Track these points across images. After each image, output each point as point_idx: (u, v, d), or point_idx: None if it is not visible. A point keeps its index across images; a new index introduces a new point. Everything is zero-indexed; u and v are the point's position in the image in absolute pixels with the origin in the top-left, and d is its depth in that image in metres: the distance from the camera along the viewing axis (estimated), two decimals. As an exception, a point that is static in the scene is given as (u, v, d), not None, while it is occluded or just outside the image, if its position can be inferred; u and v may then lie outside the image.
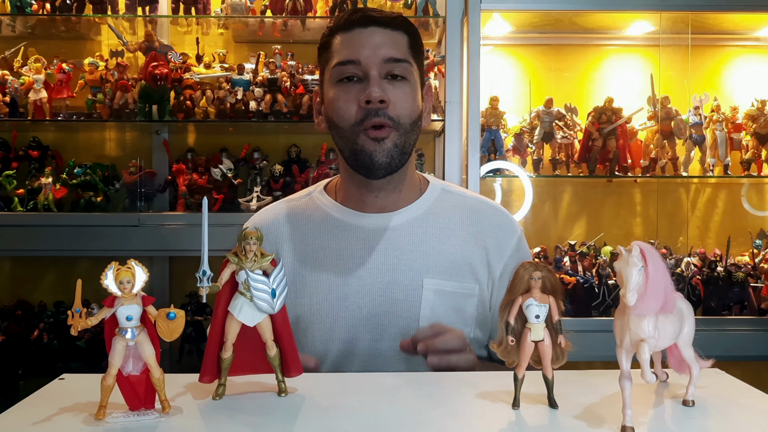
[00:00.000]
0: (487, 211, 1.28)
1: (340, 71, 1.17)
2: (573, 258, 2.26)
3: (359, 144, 1.17)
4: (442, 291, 1.19)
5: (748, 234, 2.43)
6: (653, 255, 0.71)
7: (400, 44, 1.19)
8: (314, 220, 1.26)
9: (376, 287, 1.19)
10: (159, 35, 2.34)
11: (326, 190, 1.31)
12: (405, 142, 1.18)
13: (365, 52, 1.16)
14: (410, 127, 1.19)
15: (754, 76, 2.55)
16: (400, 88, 1.17)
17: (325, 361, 1.18)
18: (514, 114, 2.42)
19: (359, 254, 1.21)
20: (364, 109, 1.15)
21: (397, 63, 1.17)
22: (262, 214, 1.32)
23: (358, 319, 1.18)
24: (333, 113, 1.19)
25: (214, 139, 2.44)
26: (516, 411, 0.79)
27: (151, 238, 2.17)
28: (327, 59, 1.21)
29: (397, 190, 1.24)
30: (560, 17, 2.40)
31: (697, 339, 0.81)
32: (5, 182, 2.23)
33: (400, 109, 1.17)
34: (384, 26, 1.18)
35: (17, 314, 2.27)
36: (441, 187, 1.30)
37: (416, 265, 1.20)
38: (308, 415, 0.78)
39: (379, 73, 1.16)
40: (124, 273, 0.74)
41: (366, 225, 1.23)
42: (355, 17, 1.19)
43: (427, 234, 1.22)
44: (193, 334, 2.27)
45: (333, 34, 1.21)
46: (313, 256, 1.23)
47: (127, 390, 0.77)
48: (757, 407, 0.82)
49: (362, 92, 1.15)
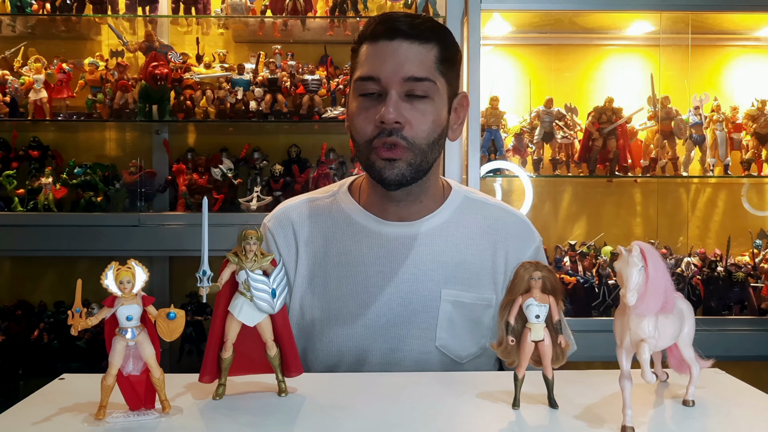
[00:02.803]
0: (507, 219, 1.27)
1: (362, 87, 1.15)
2: (573, 258, 2.26)
3: (371, 161, 1.15)
4: (460, 302, 1.18)
5: (748, 234, 2.43)
6: (653, 255, 0.71)
7: (427, 60, 1.14)
8: (337, 222, 1.24)
9: (395, 297, 1.18)
10: (159, 35, 2.34)
11: (351, 190, 1.29)
12: (421, 161, 1.15)
13: (386, 70, 1.12)
14: (428, 147, 1.15)
15: (754, 76, 2.54)
16: (419, 108, 1.13)
17: (339, 366, 1.18)
18: (514, 114, 2.42)
19: (380, 262, 1.20)
20: (379, 128, 1.13)
21: (418, 82, 1.12)
22: (287, 211, 1.28)
23: (376, 328, 1.17)
24: (352, 127, 1.18)
25: (214, 139, 2.43)
26: (516, 411, 0.79)
27: (151, 238, 2.17)
28: (354, 68, 1.19)
29: (417, 200, 1.22)
30: (560, 17, 2.40)
31: (697, 339, 0.81)
32: (5, 182, 2.23)
33: (416, 130, 1.13)
34: (411, 39, 1.13)
35: (17, 314, 2.27)
36: (463, 194, 1.28)
37: (435, 275, 1.19)
38: (308, 415, 0.78)
39: (399, 92, 1.12)
40: (124, 273, 0.74)
41: (388, 233, 1.21)
42: (381, 29, 1.14)
43: (448, 244, 1.21)
44: (193, 334, 2.26)
45: (361, 42, 1.18)
46: (333, 259, 1.21)
47: (127, 390, 0.77)
48: (757, 407, 0.82)
49: (380, 111, 1.12)
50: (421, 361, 1.16)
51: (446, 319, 1.17)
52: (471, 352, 1.18)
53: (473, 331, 1.18)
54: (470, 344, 1.18)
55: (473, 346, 1.19)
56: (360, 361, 1.18)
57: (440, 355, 1.17)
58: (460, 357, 1.18)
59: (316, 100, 2.25)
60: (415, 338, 1.17)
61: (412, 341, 1.17)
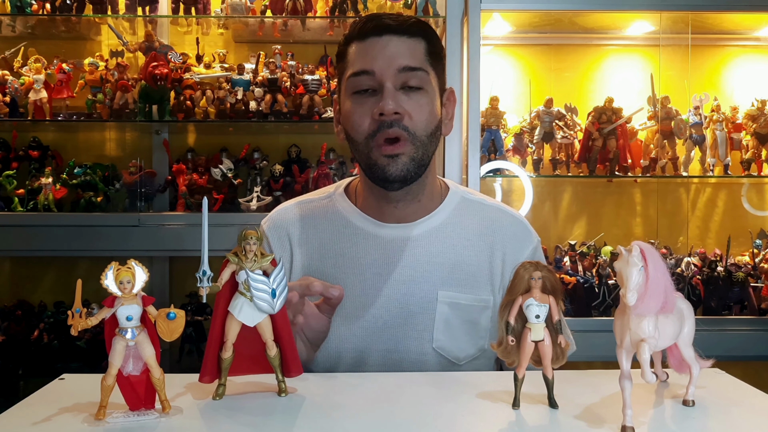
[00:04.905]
0: (504, 220, 1.26)
1: (355, 83, 1.15)
2: (573, 258, 2.26)
3: (373, 158, 1.15)
4: (456, 304, 1.18)
5: (748, 234, 2.43)
6: (653, 255, 0.71)
7: (417, 52, 1.15)
8: (333, 224, 1.24)
9: (393, 299, 1.18)
10: (159, 35, 2.34)
11: (347, 192, 1.28)
12: (423, 155, 1.15)
13: (379, 63, 1.12)
14: (427, 139, 1.15)
15: (754, 76, 2.54)
16: (416, 99, 1.14)
17: (337, 369, 1.18)
18: (514, 114, 2.42)
19: (377, 264, 1.19)
20: (378, 122, 1.12)
21: (413, 72, 1.13)
22: (281, 214, 1.29)
23: (373, 329, 1.17)
24: (348, 126, 1.17)
25: (214, 139, 2.44)
26: (516, 411, 0.79)
27: (151, 238, 2.17)
28: (343, 69, 1.19)
29: (416, 200, 1.22)
30: (560, 17, 2.40)
31: (697, 339, 0.81)
32: (5, 182, 2.23)
33: (416, 120, 1.13)
34: (399, 34, 1.14)
35: (17, 314, 2.27)
36: (461, 195, 1.28)
37: (432, 277, 1.19)
38: (308, 415, 0.78)
39: (394, 84, 1.12)
40: (124, 273, 0.74)
41: (385, 235, 1.21)
42: (369, 26, 1.15)
43: (445, 245, 1.21)
44: (193, 334, 2.27)
45: (348, 43, 1.18)
46: (330, 261, 1.21)
47: (127, 390, 0.77)
48: (757, 407, 0.82)
49: (377, 105, 1.12)
50: (418, 362, 1.16)
51: (443, 320, 1.17)
52: (468, 354, 1.18)
53: (470, 333, 1.18)
54: (468, 346, 1.18)
55: (471, 348, 1.18)
56: (357, 362, 1.17)
57: (437, 356, 1.17)
58: (457, 359, 1.17)
59: (316, 100, 2.25)
60: (412, 340, 1.17)
61: (410, 343, 1.17)
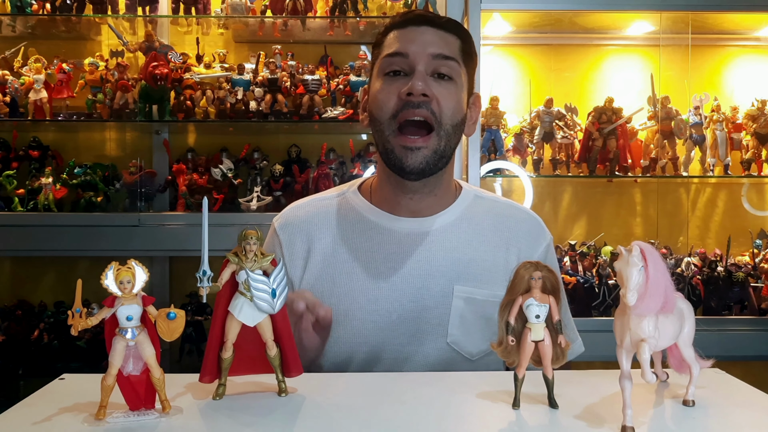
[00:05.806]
0: (518, 216, 1.27)
1: (388, 63, 1.17)
2: (573, 258, 2.26)
3: (391, 144, 1.16)
4: (472, 299, 1.18)
5: (748, 234, 2.43)
6: (653, 255, 0.71)
7: (452, 45, 1.18)
8: (347, 220, 1.24)
9: (407, 293, 1.18)
10: (159, 35, 2.34)
11: (360, 191, 1.29)
12: (445, 146, 1.16)
13: (414, 47, 1.15)
14: (452, 129, 1.16)
15: (754, 76, 2.55)
16: (445, 87, 1.15)
17: (351, 363, 1.18)
18: (514, 114, 2.42)
19: (392, 258, 1.19)
20: (403, 102, 1.13)
21: (445, 60, 1.15)
22: (294, 211, 1.29)
23: (387, 323, 1.17)
24: (374, 105, 1.18)
25: (214, 139, 2.44)
26: (516, 411, 0.79)
27: (151, 238, 2.17)
28: (378, 54, 1.22)
29: (432, 193, 1.22)
30: (560, 17, 2.40)
31: (697, 339, 0.81)
32: (5, 182, 2.23)
33: (443, 107, 1.14)
34: (437, 27, 1.18)
35: (17, 314, 2.28)
36: (474, 193, 1.29)
37: (448, 272, 1.19)
38: (308, 415, 0.78)
39: (426, 68, 1.14)
40: (124, 273, 0.74)
41: (399, 229, 1.21)
42: (410, 16, 1.20)
43: (460, 240, 1.21)
44: (193, 334, 2.27)
45: (387, 31, 1.21)
46: (344, 257, 1.21)
47: (127, 390, 0.77)
48: (757, 407, 0.82)
49: (405, 86, 1.13)
50: (432, 357, 1.16)
51: (458, 315, 1.17)
52: (482, 350, 1.18)
53: (485, 329, 1.17)
54: (482, 341, 1.18)
55: (485, 344, 1.18)
56: (371, 357, 1.17)
57: (451, 351, 1.17)
58: (471, 354, 1.17)
59: (316, 100, 2.25)
60: (426, 334, 1.17)
61: (424, 337, 1.17)
